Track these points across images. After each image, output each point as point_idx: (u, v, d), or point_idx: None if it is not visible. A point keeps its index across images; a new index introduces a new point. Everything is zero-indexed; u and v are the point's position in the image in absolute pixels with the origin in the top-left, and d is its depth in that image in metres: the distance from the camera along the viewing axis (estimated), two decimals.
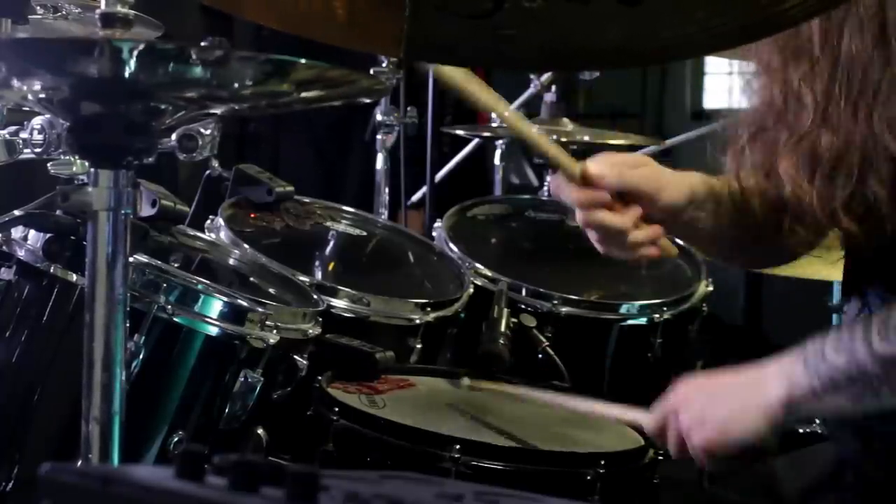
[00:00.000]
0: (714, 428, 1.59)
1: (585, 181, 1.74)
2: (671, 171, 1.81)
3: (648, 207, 1.76)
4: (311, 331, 2.10)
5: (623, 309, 2.62)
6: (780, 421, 1.56)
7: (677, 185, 1.78)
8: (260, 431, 2.05)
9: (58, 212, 1.85)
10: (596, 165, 1.75)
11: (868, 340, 1.49)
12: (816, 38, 1.60)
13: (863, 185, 1.54)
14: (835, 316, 3.33)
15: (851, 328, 1.53)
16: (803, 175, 1.59)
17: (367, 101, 2.81)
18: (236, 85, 1.45)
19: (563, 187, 1.77)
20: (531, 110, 4.00)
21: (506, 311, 2.41)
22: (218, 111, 1.63)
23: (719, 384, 1.64)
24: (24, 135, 1.86)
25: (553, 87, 3.71)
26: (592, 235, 1.79)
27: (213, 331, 1.93)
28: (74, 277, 1.88)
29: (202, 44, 1.34)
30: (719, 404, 1.60)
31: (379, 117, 3.45)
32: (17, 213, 1.92)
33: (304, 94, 1.55)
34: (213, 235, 2.42)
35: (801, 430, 2.53)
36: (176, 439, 1.92)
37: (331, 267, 2.61)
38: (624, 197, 1.75)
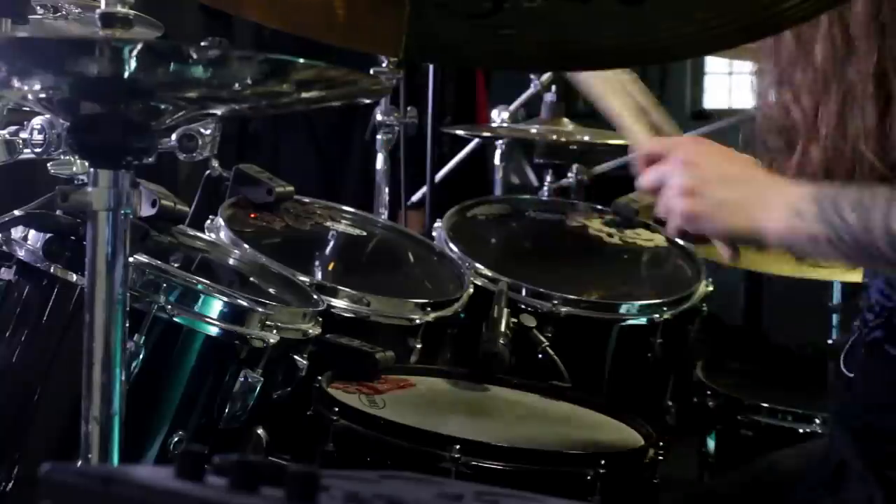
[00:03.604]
0: (704, 205, 1.57)
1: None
2: None
3: None
4: (311, 331, 2.10)
5: (623, 309, 2.62)
6: (764, 243, 1.55)
7: None
8: (260, 431, 2.05)
9: (58, 212, 1.85)
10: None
11: (887, 219, 1.46)
12: (793, 48, 1.60)
13: None
14: (835, 316, 3.34)
15: (873, 194, 1.49)
16: None
17: (367, 101, 2.82)
18: (236, 85, 1.45)
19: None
20: (531, 110, 4.00)
21: (506, 311, 2.41)
22: (218, 111, 1.62)
23: (731, 167, 1.60)
24: (24, 135, 1.86)
25: (553, 87, 3.71)
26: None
27: (213, 331, 1.93)
28: (74, 277, 1.88)
29: (202, 44, 1.34)
30: (722, 186, 1.58)
31: (379, 117, 3.45)
32: (17, 213, 1.92)
33: (304, 95, 1.55)
34: (213, 235, 2.42)
35: (801, 430, 2.53)
36: (176, 439, 1.92)
37: (331, 267, 2.61)
38: None
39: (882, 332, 1.65)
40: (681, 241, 1.72)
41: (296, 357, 2.07)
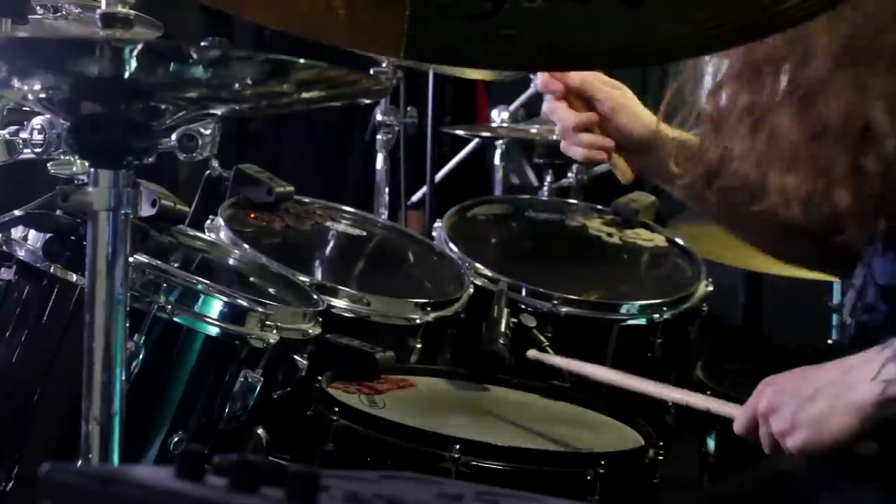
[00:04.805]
0: (806, 432, 1.58)
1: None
2: (643, 109, 1.93)
3: (604, 122, 1.91)
4: (311, 331, 2.10)
5: (623, 309, 2.62)
6: (875, 419, 1.55)
7: (640, 117, 1.91)
8: (260, 431, 2.05)
9: (58, 212, 1.85)
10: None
11: None
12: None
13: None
14: (835, 316, 3.34)
15: None
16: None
17: (368, 101, 2.81)
18: (236, 85, 1.45)
19: (547, 83, 1.92)
20: (531, 110, 4.00)
21: (506, 311, 2.41)
22: (218, 111, 1.63)
23: (804, 386, 1.62)
24: (24, 135, 1.86)
25: None
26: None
27: (213, 331, 1.93)
28: (74, 277, 1.88)
29: (202, 43, 1.34)
30: (809, 407, 1.59)
31: (379, 117, 3.46)
32: (17, 213, 1.92)
33: (304, 95, 1.55)
34: (213, 235, 2.42)
35: None
36: (176, 439, 1.92)
37: (331, 267, 2.61)
38: (588, 103, 1.91)
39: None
40: None
41: (296, 357, 2.07)
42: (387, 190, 3.45)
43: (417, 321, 2.38)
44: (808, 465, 1.66)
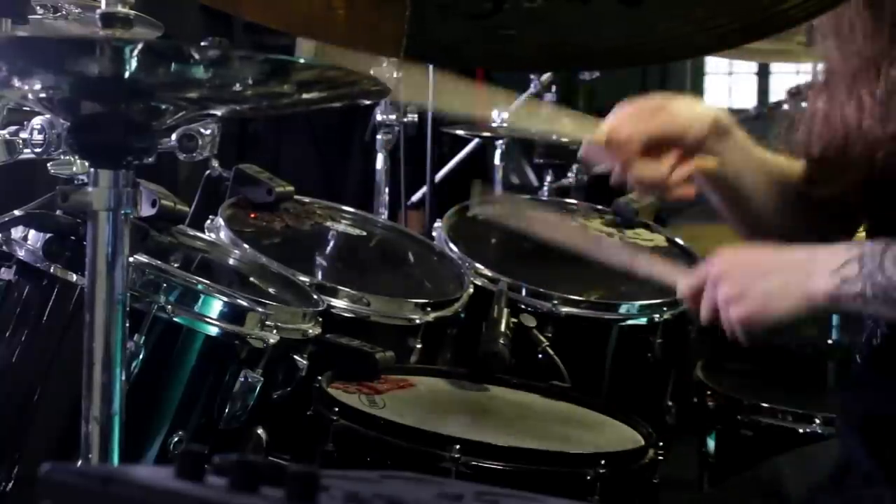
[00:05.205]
0: (754, 303, 1.59)
1: (612, 145, 1.77)
2: (686, 104, 1.83)
3: (679, 147, 1.79)
4: (311, 331, 2.10)
5: (623, 309, 2.62)
6: (820, 309, 1.57)
7: (700, 117, 1.80)
8: (260, 431, 2.05)
9: (58, 212, 1.85)
10: (618, 126, 1.78)
11: None
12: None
13: None
14: (835, 316, 3.33)
15: None
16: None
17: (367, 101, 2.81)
18: (237, 85, 1.45)
19: (594, 154, 1.82)
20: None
21: (506, 311, 2.41)
22: (218, 111, 1.62)
23: (764, 259, 1.63)
24: (24, 135, 1.86)
25: (553, 87, 3.71)
26: (636, 187, 1.84)
27: (213, 331, 1.93)
28: (74, 277, 1.88)
29: (203, 44, 1.34)
30: (762, 279, 1.60)
31: (379, 117, 3.45)
32: (17, 213, 1.92)
33: (304, 95, 1.55)
34: (213, 235, 2.42)
35: (801, 430, 2.53)
36: (176, 439, 1.92)
37: (331, 267, 2.61)
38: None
39: None
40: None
41: (296, 357, 2.07)
42: (387, 190, 3.45)
43: (417, 321, 2.38)
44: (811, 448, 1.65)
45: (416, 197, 3.96)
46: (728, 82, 6.06)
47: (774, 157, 1.85)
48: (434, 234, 2.81)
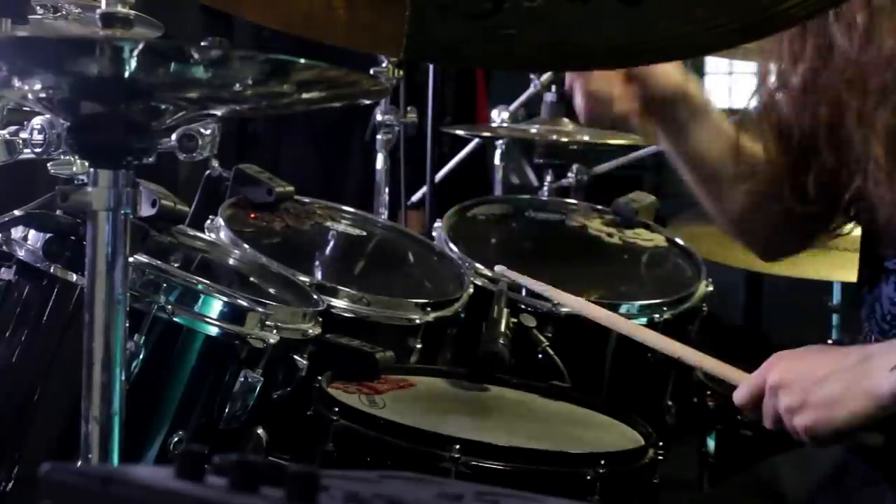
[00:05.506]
0: (816, 411, 1.56)
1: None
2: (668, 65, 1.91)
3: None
4: (311, 331, 2.10)
5: (623, 309, 2.62)
6: (890, 410, 1.53)
7: (667, 73, 1.90)
8: (260, 431, 2.05)
9: (58, 212, 1.85)
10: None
11: None
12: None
13: None
14: (835, 316, 3.34)
15: None
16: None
17: (367, 101, 2.81)
18: (237, 85, 1.45)
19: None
20: (531, 110, 4.00)
21: (506, 311, 2.41)
22: (218, 112, 1.63)
23: (818, 364, 1.60)
24: (24, 135, 1.86)
25: (553, 87, 3.71)
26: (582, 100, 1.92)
27: (213, 331, 1.93)
28: (74, 277, 1.88)
29: (202, 44, 1.34)
30: (821, 386, 1.57)
31: (379, 117, 3.45)
32: (17, 213, 1.92)
33: (304, 95, 1.55)
34: (213, 235, 2.42)
35: None
36: (176, 439, 1.92)
37: (331, 267, 2.61)
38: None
39: None
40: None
41: (296, 357, 2.07)
42: (387, 190, 3.45)
43: (417, 321, 2.38)
44: (810, 448, 1.65)
45: (416, 197, 3.96)
46: (728, 82, 6.06)
47: (752, 144, 1.84)
48: (434, 234, 2.81)
